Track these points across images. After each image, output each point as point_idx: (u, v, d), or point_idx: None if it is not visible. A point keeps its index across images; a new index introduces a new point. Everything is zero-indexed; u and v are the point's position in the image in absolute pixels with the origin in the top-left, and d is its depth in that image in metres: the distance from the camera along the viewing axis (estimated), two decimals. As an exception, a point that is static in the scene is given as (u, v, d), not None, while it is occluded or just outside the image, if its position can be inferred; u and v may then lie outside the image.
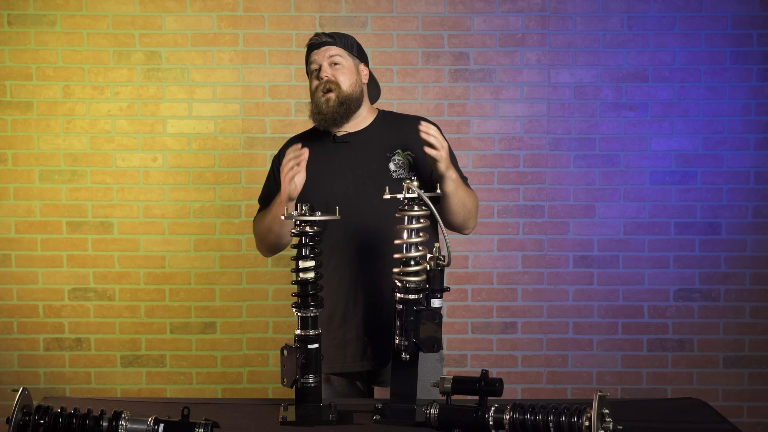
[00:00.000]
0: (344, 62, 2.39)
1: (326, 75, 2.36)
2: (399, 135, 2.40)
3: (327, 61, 2.37)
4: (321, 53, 2.38)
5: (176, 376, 3.67)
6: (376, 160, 2.36)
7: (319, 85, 2.37)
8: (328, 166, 2.38)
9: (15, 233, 3.62)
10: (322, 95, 2.36)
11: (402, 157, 2.36)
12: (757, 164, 3.62)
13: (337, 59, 2.38)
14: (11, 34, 3.57)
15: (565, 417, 1.73)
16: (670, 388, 3.65)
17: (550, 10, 3.60)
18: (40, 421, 1.70)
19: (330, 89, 2.35)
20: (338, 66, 2.38)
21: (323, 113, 2.36)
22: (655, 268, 3.64)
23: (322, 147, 2.41)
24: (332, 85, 2.35)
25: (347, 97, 2.36)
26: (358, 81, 2.40)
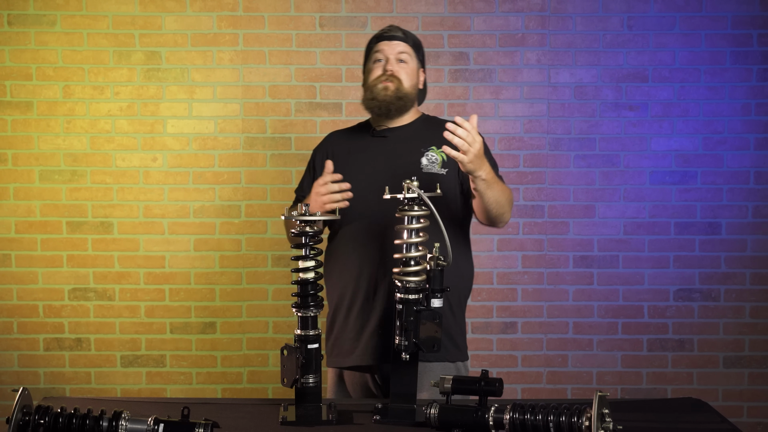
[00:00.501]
0: (410, 62, 2.42)
1: (391, 68, 2.39)
2: (436, 134, 2.36)
3: (395, 55, 2.40)
4: (391, 46, 2.41)
5: (176, 376, 3.67)
6: (410, 155, 2.38)
7: (382, 75, 2.39)
8: (362, 157, 2.41)
9: (15, 233, 3.62)
10: (381, 83, 2.37)
11: (436, 153, 2.38)
12: (757, 164, 3.62)
13: (405, 57, 2.41)
14: (11, 34, 3.57)
15: (565, 417, 1.73)
16: (670, 388, 3.65)
17: (550, 10, 3.60)
18: (40, 421, 1.70)
19: (390, 81, 2.37)
20: (404, 64, 2.41)
21: (378, 99, 2.38)
22: (655, 268, 3.64)
23: (360, 140, 2.46)
24: (394, 78, 2.38)
25: (406, 94, 2.39)
26: (416, 84, 2.45)
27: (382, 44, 2.42)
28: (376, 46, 2.44)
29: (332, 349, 2.42)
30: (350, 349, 2.35)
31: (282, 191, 3.63)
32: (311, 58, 3.61)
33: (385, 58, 2.41)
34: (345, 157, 2.42)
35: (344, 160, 2.41)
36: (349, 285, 2.35)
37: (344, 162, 2.40)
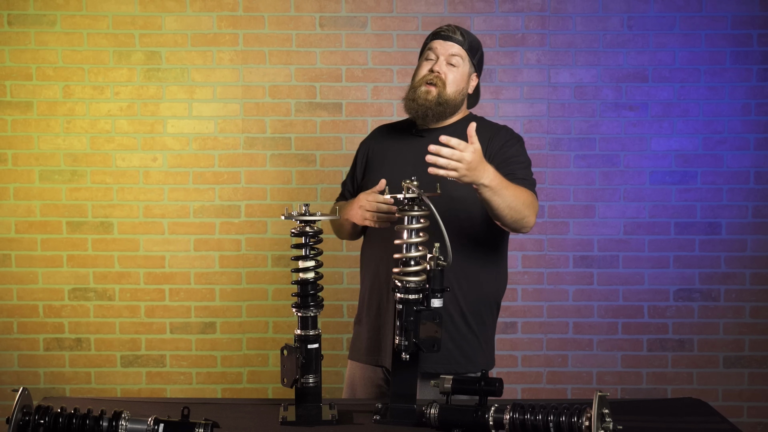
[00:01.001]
0: (461, 66, 2.33)
1: (438, 69, 2.30)
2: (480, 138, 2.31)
3: (446, 56, 2.31)
4: (445, 46, 2.32)
5: (176, 376, 3.67)
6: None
7: (427, 75, 2.31)
8: (397, 156, 2.38)
9: (15, 233, 3.62)
10: (424, 85, 2.30)
11: None
12: (757, 164, 3.62)
13: (456, 60, 2.32)
14: (11, 34, 3.57)
15: (565, 417, 1.73)
16: (670, 388, 3.65)
17: (550, 10, 3.60)
18: (40, 421, 1.70)
19: (434, 83, 2.30)
20: (453, 67, 2.32)
21: (417, 103, 2.31)
22: (655, 268, 3.64)
23: (400, 137, 2.43)
24: (439, 81, 2.30)
25: (447, 100, 2.30)
26: (463, 89, 2.35)
27: (436, 42, 2.34)
28: (431, 44, 2.35)
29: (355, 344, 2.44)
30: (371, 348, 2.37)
31: (282, 191, 3.63)
32: (311, 58, 3.61)
33: (435, 57, 2.33)
34: (382, 155, 2.41)
35: (381, 157, 2.40)
36: (372, 281, 2.36)
37: (381, 159, 2.39)
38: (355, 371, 2.44)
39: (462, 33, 2.35)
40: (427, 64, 2.34)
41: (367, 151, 2.48)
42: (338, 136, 3.62)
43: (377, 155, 2.44)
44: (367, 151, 2.48)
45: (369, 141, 2.53)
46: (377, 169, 2.39)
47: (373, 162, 2.43)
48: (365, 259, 2.43)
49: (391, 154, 2.41)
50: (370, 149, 2.48)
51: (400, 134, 2.45)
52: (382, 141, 2.48)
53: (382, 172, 2.36)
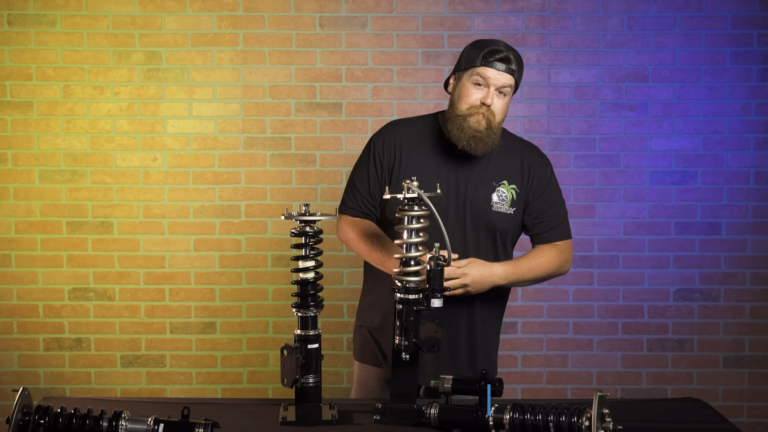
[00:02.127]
0: (508, 96, 2.25)
1: (490, 102, 2.20)
2: (509, 163, 2.32)
3: (498, 87, 2.21)
4: (501, 77, 2.20)
5: (176, 376, 3.67)
6: (482, 187, 2.28)
7: (480, 107, 2.20)
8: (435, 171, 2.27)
9: (15, 233, 3.62)
10: (476, 114, 2.20)
11: (506, 189, 2.31)
12: (757, 164, 3.62)
13: (506, 91, 2.23)
14: (11, 34, 3.57)
15: (565, 417, 1.73)
16: (670, 388, 3.65)
17: (550, 10, 3.60)
18: (40, 421, 1.70)
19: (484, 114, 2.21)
20: (502, 97, 2.23)
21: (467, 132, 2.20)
22: (655, 268, 3.64)
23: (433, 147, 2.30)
24: (489, 112, 2.21)
25: (495, 130, 2.23)
26: (505, 116, 2.29)
27: (491, 69, 2.20)
28: (483, 70, 2.20)
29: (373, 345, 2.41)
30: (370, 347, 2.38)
31: (282, 191, 3.63)
32: (311, 58, 3.61)
33: (486, 85, 2.21)
34: (415, 164, 2.27)
35: (414, 166, 2.26)
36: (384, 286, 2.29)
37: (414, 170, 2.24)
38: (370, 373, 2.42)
39: (517, 62, 2.24)
40: (477, 90, 2.22)
41: (392, 158, 2.31)
42: (338, 136, 3.62)
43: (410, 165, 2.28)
44: (392, 159, 2.31)
45: (391, 139, 2.33)
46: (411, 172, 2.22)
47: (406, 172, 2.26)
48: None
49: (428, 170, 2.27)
50: (397, 154, 2.31)
51: (433, 143, 2.31)
52: (412, 151, 2.31)
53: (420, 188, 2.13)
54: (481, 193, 2.28)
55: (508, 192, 2.31)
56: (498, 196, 2.30)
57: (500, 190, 2.30)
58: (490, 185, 2.29)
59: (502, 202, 2.30)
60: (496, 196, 2.30)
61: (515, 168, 2.33)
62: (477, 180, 2.29)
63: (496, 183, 2.30)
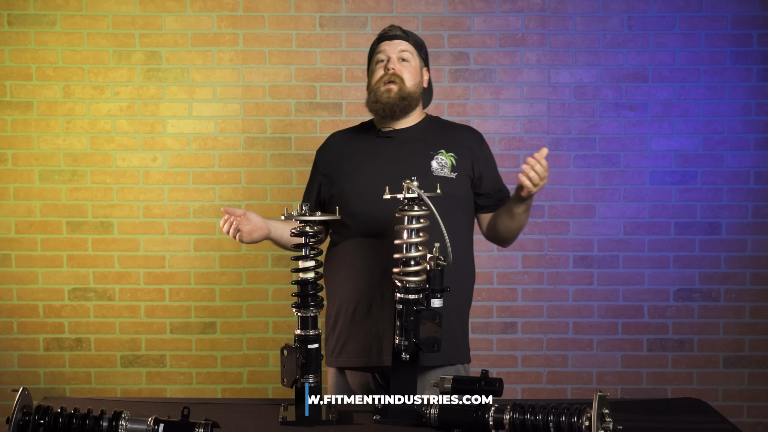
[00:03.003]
0: (412, 61, 2.41)
1: (393, 67, 2.37)
2: (444, 138, 2.42)
3: (397, 54, 2.39)
4: (393, 45, 2.40)
5: (176, 376, 3.67)
6: (419, 157, 2.37)
7: (384, 75, 2.38)
8: (370, 158, 2.41)
9: (15, 233, 3.62)
10: (383, 85, 2.37)
11: (445, 157, 2.37)
12: (757, 164, 3.62)
13: (407, 56, 2.40)
14: (11, 34, 3.57)
15: (565, 417, 1.73)
16: (670, 388, 3.65)
17: (550, 10, 3.60)
18: (40, 421, 1.71)
19: (393, 81, 2.36)
20: (406, 63, 2.40)
21: (382, 102, 2.36)
22: (655, 268, 3.64)
23: (366, 140, 2.45)
24: (397, 78, 2.37)
25: (409, 94, 2.37)
26: (419, 82, 2.43)
27: (383, 44, 2.42)
28: (378, 47, 2.43)
29: (335, 350, 2.41)
30: (357, 351, 2.34)
31: (282, 191, 3.63)
32: (311, 58, 3.61)
33: (386, 57, 2.40)
34: (352, 158, 2.42)
35: (352, 160, 2.41)
36: (355, 286, 2.34)
37: (352, 163, 2.41)
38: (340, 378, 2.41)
39: (404, 31, 2.44)
40: (380, 66, 2.41)
41: (330, 160, 2.47)
42: (338, 136, 3.62)
43: (347, 160, 2.43)
44: (331, 161, 2.47)
45: (331, 147, 2.52)
46: (352, 174, 2.39)
47: (343, 168, 2.42)
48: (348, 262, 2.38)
49: (363, 158, 2.42)
50: (333, 158, 2.47)
51: (365, 137, 2.47)
52: (347, 145, 2.48)
53: (359, 176, 2.38)
54: (420, 161, 2.36)
55: (447, 159, 2.38)
56: (437, 163, 2.37)
57: (438, 157, 2.37)
58: (428, 154, 2.37)
59: (442, 168, 2.36)
60: (435, 162, 2.37)
61: (451, 141, 2.41)
62: (413, 152, 2.39)
63: (434, 152, 2.38)
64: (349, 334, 2.35)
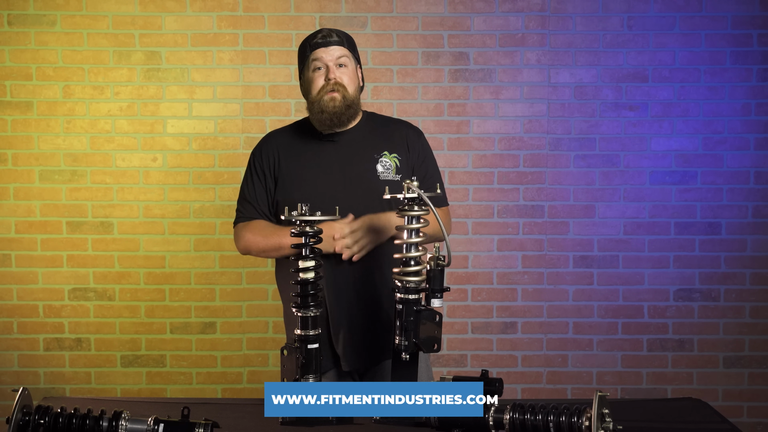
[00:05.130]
0: (349, 65, 2.36)
1: (334, 77, 2.32)
2: (385, 137, 2.41)
3: (334, 61, 2.33)
4: (329, 52, 2.33)
5: (176, 376, 3.67)
6: (364, 161, 2.36)
7: (326, 85, 2.31)
8: (315, 163, 2.36)
9: (15, 233, 3.62)
10: (327, 94, 2.31)
11: (389, 159, 2.37)
12: (757, 164, 3.62)
13: (344, 60, 2.34)
14: (11, 34, 3.57)
15: (565, 417, 1.73)
16: (670, 388, 3.65)
17: (550, 10, 3.60)
18: (40, 421, 1.70)
19: (335, 90, 2.31)
20: (344, 68, 2.34)
21: (328, 112, 2.31)
22: (655, 268, 3.64)
23: (307, 144, 2.40)
24: (339, 87, 2.31)
25: (352, 101, 2.34)
26: (358, 85, 2.40)
27: (319, 51, 2.33)
28: (313, 54, 2.34)
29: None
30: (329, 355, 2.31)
31: (282, 191, 3.63)
32: (311, 58, 3.61)
33: (324, 65, 2.33)
34: (296, 162, 2.37)
35: (295, 164, 2.36)
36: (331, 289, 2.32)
37: (296, 167, 2.36)
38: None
39: (337, 34, 2.37)
40: (319, 74, 2.33)
41: (273, 162, 2.40)
42: (338, 136, 3.62)
43: (290, 165, 2.38)
44: (273, 163, 2.40)
45: (271, 150, 2.42)
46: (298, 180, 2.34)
47: (289, 173, 2.37)
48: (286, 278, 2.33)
49: (307, 163, 2.36)
50: (275, 160, 2.40)
51: (307, 140, 2.40)
52: (289, 148, 2.41)
53: (306, 181, 2.33)
54: (365, 167, 2.35)
55: (391, 161, 2.37)
56: (382, 166, 2.36)
57: (383, 160, 2.37)
58: (372, 158, 2.36)
59: (388, 171, 2.36)
60: (380, 166, 2.36)
61: (392, 140, 2.39)
62: (358, 157, 2.37)
63: (377, 155, 2.37)
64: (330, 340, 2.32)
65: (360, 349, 2.31)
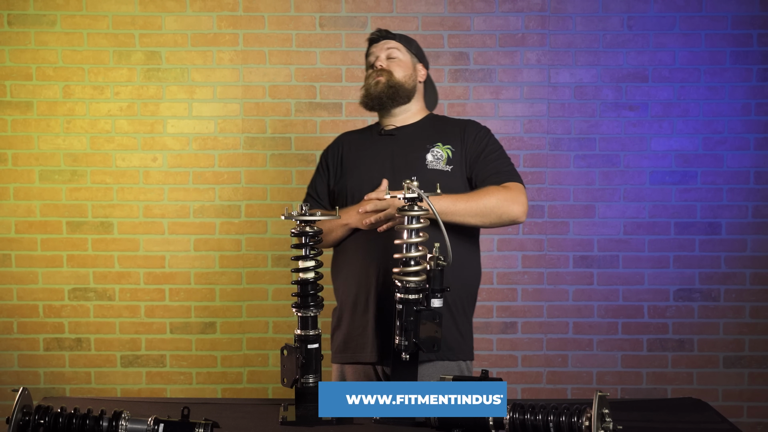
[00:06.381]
0: (401, 56, 2.48)
1: (380, 64, 2.46)
2: (441, 130, 2.45)
3: (384, 53, 2.48)
4: (380, 46, 2.50)
5: (176, 376, 3.67)
6: (415, 151, 2.40)
7: (372, 72, 2.46)
8: (370, 154, 2.45)
9: (15, 233, 3.62)
10: (372, 79, 2.44)
11: (441, 149, 2.39)
12: (757, 164, 3.62)
13: (394, 52, 2.48)
14: (11, 34, 3.57)
15: (565, 417, 1.73)
16: (670, 388, 3.65)
17: (550, 10, 3.60)
18: (40, 421, 1.70)
19: (381, 75, 2.44)
20: (394, 59, 2.47)
21: (370, 94, 2.44)
22: (655, 268, 3.64)
23: (369, 139, 2.51)
24: (384, 72, 2.44)
25: (397, 83, 2.43)
26: (412, 75, 2.48)
27: (372, 47, 2.52)
28: (369, 50, 2.53)
29: (338, 347, 2.42)
30: (358, 345, 2.35)
31: (282, 191, 3.63)
32: (311, 58, 3.61)
33: (375, 57, 2.49)
34: (354, 157, 2.47)
35: (353, 159, 2.47)
36: (356, 283, 2.35)
37: (353, 161, 2.46)
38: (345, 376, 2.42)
39: (389, 32, 2.53)
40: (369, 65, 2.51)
41: (337, 155, 2.53)
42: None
43: (350, 158, 2.49)
44: (337, 156, 2.52)
45: (337, 147, 2.56)
46: (353, 170, 2.45)
47: (347, 165, 2.48)
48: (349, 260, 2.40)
49: (365, 154, 2.47)
50: (340, 153, 2.52)
51: (368, 136, 2.53)
52: (352, 144, 2.53)
53: (360, 172, 2.42)
54: (416, 155, 2.39)
55: (443, 151, 2.39)
56: (432, 156, 2.39)
57: (434, 150, 2.39)
58: (424, 148, 2.40)
59: (437, 161, 2.38)
60: (430, 155, 2.39)
61: (448, 133, 2.44)
62: (411, 147, 2.42)
63: (430, 145, 2.40)
64: (351, 330, 2.36)
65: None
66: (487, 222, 2.31)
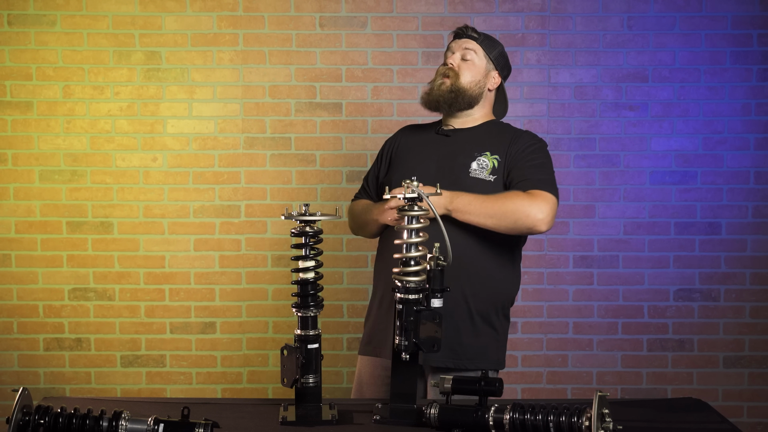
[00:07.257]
0: (476, 60, 2.42)
1: (452, 62, 2.41)
2: (494, 139, 2.40)
3: (460, 51, 2.43)
4: (459, 43, 2.44)
5: (176, 376, 3.67)
6: (463, 156, 2.37)
7: (442, 69, 2.43)
8: (420, 152, 2.43)
9: (15, 233, 3.62)
10: (439, 78, 2.41)
11: (488, 159, 2.36)
12: (757, 164, 3.62)
13: (470, 54, 2.42)
14: (11, 34, 3.57)
15: (565, 417, 1.73)
16: (670, 388, 3.65)
17: (550, 10, 3.60)
18: (40, 421, 1.70)
19: (448, 75, 2.40)
20: (468, 61, 2.41)
21: (431, 95, 2.41)
22: (655, 268, 3.64)
23: (426, 135, 2.49)
24: (452, 72, 2.40)
25: (461, 89, 2.39)
26: (481, 81, 2.42)
27: (453, 42, 2.46)
28: (449, 44, 2.47)
29: (365, 337, 2.45)
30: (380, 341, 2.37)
31: (282, 191, 3.63)
32: (311, 58, 3.61)
33: (451, 53, 2.44)
34: (406, 151, 2.46)
35: (405, 153, 2.46)
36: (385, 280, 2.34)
37: (403, 156, 2.46)
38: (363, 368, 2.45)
39: (476, 31, 2.45)
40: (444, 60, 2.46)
41: (392, 148, 2.54)
42: (338, 136, 3.63)
43: (401, 152, 2.49)
44: (392, 149, 2.53)
45: (394, 139, 2.57)
46: (400, 165, 2.45)
47: (396, 158, 2.49)
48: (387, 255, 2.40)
49: (415, 151, 2.45)
50: (395, 146, 2.53)
51: (426, 133, 2.51)
52: (407, 139, 2.53)
53: (405, 167, 2.41)
54: (461, 161, 2.36)
55: (489, 161, 2.36)
56: (478, 164, 2.36)
57: (481, 159, 2.36)
58: (471, 155, 2.37)
59: (482, 170, 2.35)
60: (475, 164, 2.36)
61: (498, 142, 2.39)
62: (460, 151, 2.39)
63: (478, 153, 2.37)
64: (376, 324, 2.39)
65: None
66: (503, 226, 2.23)
